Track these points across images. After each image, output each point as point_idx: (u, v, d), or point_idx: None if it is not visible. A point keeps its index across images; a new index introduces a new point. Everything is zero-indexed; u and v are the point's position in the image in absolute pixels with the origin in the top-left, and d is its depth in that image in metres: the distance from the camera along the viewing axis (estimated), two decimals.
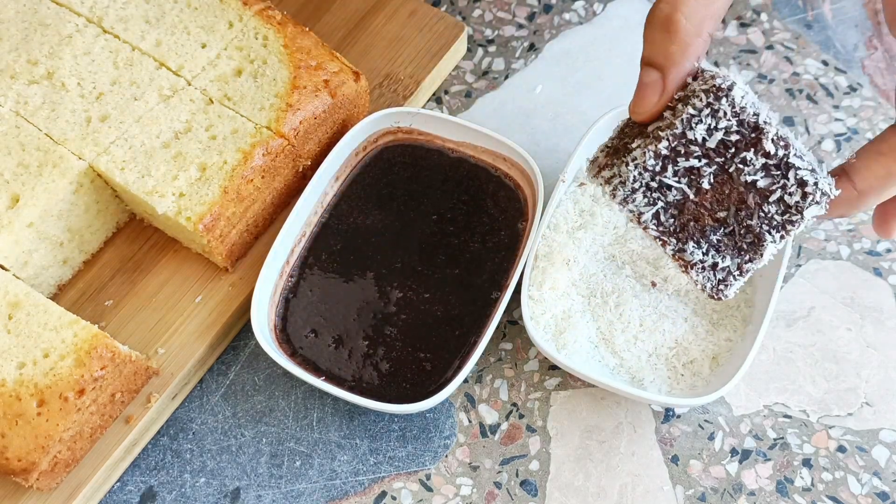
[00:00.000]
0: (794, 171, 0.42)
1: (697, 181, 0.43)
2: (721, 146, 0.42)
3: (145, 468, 0.55)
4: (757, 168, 0.42)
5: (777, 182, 0.42)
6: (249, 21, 0.59)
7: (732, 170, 0.42)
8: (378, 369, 0.55)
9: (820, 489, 0.54)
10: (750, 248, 0.44)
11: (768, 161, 0.42)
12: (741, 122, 0.41)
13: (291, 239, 0.58)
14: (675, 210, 0.44)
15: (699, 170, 0.42)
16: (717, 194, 0.43)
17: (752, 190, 0.42)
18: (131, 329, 0.56)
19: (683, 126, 0.41)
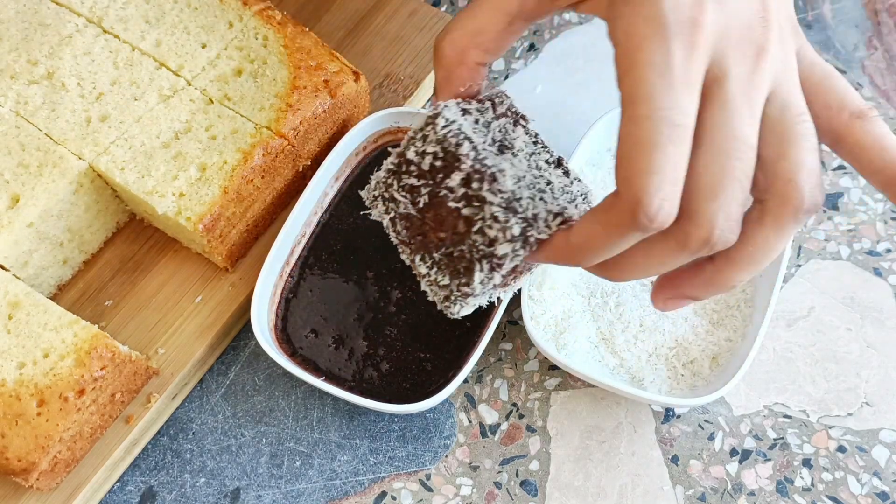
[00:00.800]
0: (489, 206, 0.41)
1: (417, 199, 0.44)
2: (432, 170, 0.43)
3: (145, 468, 0.55)
4: (459, 196, 0.42)
5: (478, 213, 0.42)
6: (249, 21, 0.59)
7: (442, 194, 0.43)
8: (378, 369, 0.55)
9: (820, 489, 0.54)
10: (464, 272, 0.44)
11: (468, 190, 0.42)
12: (444, 149, 0.42)
13: (291, 239, 0.58)
14: (406, 222, 0.45)
15: (418, 188, 0.44)
16: (436, 214, 0.44)
17: (459, 216, 0.43)
18: (131, 329, 0.56)
19: (404, 146, 0.44)
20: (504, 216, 0.41)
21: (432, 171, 0.43)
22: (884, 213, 0.62)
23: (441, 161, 0.43)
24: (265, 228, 0.60)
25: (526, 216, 0.41)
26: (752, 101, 0.37)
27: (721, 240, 0.37)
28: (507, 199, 0.41)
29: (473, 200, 0.42)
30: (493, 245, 0.42)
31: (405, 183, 0.44)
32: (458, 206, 0.43)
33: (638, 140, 0.36)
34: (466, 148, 0.42)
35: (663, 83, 0.35)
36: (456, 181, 0.42)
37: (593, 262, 0.40)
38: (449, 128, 0.42)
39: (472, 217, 0.42)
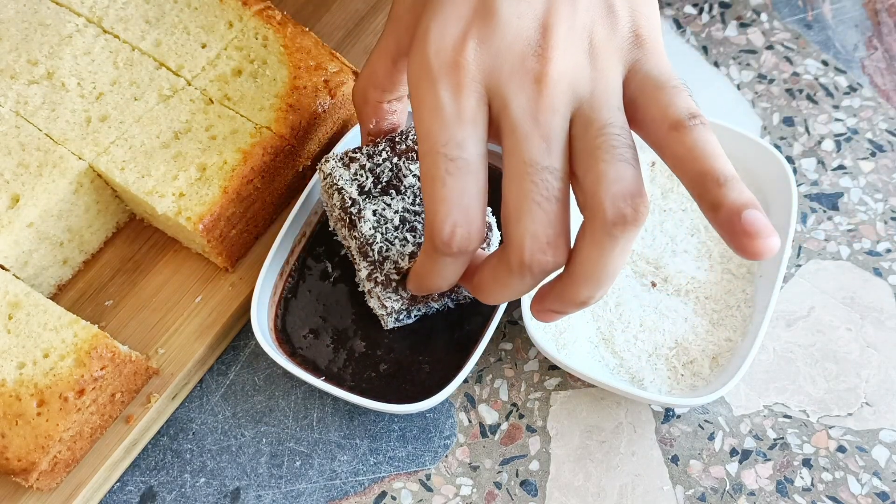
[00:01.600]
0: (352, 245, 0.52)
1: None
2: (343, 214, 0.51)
3: (145, 468, 0.55)
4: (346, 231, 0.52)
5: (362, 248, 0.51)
6: (249, 21, 0.59)
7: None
8: (378, 369, 0.55)
9: (820, 489, 0.54)
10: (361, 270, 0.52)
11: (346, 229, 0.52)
12: (343, 209, 0.51)
13: (291, 239, 0.58)
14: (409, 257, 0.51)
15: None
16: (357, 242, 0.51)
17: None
18: (131, 329, 0.56)
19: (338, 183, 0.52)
20: (358, 258, 0.51)
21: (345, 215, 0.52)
22: (884, 213, 0.62)
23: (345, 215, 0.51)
24: (265, 228, 0.60)
25: (373, 259, 0.49)
26: (541, 124, 0.39)
27: (535, 260, 0.39)
28: (360, 244, 0.50)
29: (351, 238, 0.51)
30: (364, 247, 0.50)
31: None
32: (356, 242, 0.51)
33: (425, 174, 0.40)
34: (336, 198, 0.51)
35: (437, 121, 0.39)
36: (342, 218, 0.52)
37: (439, 289, 0.45)
38: (326, 181, 0.52)
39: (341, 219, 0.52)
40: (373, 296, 0.52)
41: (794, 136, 0.64)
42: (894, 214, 0.62)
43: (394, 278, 0.50)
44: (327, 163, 0.52)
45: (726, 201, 0.37)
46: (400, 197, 0.51)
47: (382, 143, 0.52)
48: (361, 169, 0.51)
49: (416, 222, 0.50)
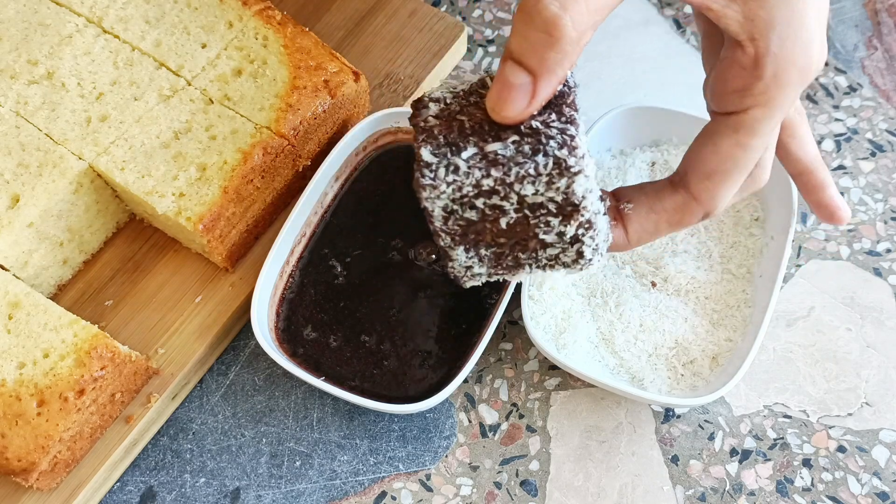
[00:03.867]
0: (580, 246, 0.44)
1: (498, 216, 0.42)
2: (538, 205, 0.41)
3: (145, 468, 0.55)
4: (553, 232, 0.43)
5: (562, 245, 0.44)
6: (249, 21, 0.59)
7: (533, 223, 0.42)
8: (378, 369, 0.55)
9: (820, 489, 0.54)
10: (508, 268, 0.46)
11: (564, 231, 0.42)
12: (566, 199, 0.41)
13: (291, 239, 0.58)
14: (464, 222, 0.43)
15: (506, 210, 0.42)
16: (509, 229, 0.43)
17: (538, 240, 0.43)
18: (131, 329, 0.56)
19: (515, 178, 0.40)
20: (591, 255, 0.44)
21: (536, 206, 0.41)
22: (884, 213, 0.62)
23: (555, 205, 0.41)
24: (265, 228, 0.60)
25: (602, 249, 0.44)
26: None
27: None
28: (598, 244, 0.44)
29: (565, 237, 0.43)
30: (558, 263, 0.45)
31: (493, 203, 0.41)
32: (545, 237, 0.43)
33: (739, 165, 0.42)
34: (588, 202, 0.41)
35: (779, 122, 0.41)
36: (568, 228, 0.42)
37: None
38: (585, 185, 0.40)
39: (552, 244, 0.43)
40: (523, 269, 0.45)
41: None
42: (894, 214, 0.61)
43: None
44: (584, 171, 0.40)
45: (832, 181, 0.48)
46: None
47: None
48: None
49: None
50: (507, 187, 0.40)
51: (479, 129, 0.40)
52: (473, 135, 0.40)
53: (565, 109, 0.40)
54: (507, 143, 0.40)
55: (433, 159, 0.41)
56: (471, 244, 0.45)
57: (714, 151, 0.42)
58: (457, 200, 0.42)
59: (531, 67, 0.38)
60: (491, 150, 0.40)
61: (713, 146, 0.42)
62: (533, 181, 0.40)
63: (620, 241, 0.46)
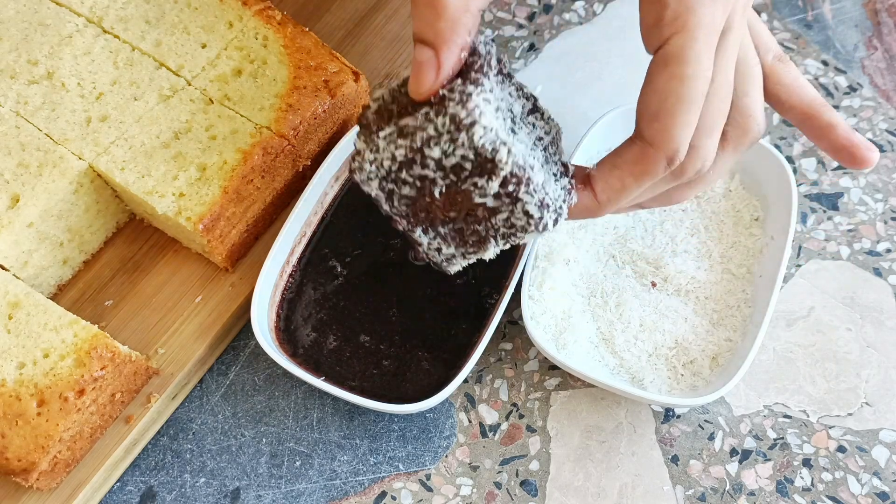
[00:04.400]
0: (522, 204, 0.42)
1: (431, 187, 0.43)
2: (457, 167, 0.42)
3: (145, 468, 0.55)
4: (487, 193, 0.42)
5: (506, 207, 0.43)
6: (249, 21, 0.59)
7: (464, 188, 0.43)
8: (378, 369, 0.55)
9: (820, 489, 0.54)
10: (475, 244, 0.46)
11: (501, 190, 0.42)
12: (478, 154, 0.41)
13: (291, 239, 0.58)
14: (407, 201, 0.45)
15: (434, 179, 0.43)
16: (448, 199, 0.44)
17: (482, 206, 0.43)
18: (131, 329, 0.56)
19: (422, 143, 0.41)
20: (538, 213, 0.43)
21: (455, 169, 0.42)
22: (884, 213, 0.62)
23: (471, 163, 0.41)
24: (265, 228, 0.60)
25: (556, 207, 0.43)
26: (741, 47, 0.43)
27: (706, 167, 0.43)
28: (540, 199, 0.43)
29: (504, 198, 0.42)
30: (517, 232, 0.44)
31: (416, 173, 0.43)
32: (483, 200, 0.43)
33: (681, 97, 0.40)
34: (503, 154, 0.41)
35: (709, 45, 0.40)
36: (489, 183, 0.42)
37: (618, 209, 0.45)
38: (486, 137, 0.40)
39: (497, 208, 0.43)
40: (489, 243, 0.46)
41: (794, 136, 0.64)
42: (894, 214, 0.61)
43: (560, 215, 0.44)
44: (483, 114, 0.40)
45: (841, 120, 0.46)
46: (522, 133, 0.44)
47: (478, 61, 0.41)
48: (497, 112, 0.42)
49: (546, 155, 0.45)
50: (419, 154, 0.42)
51: (403, 111, 0.43)
52: (396, 116, 0.43)
53: (472, 74, 0.41)
54: (417, 115, 0.41)
55: (362, 146, 0.44)
56: (426, 223, 0.46)
57: (653, 91, 0.41)
58: (387, 178, 0.44)
59: (429, 41, 0.40)
60: (403, 124, 0.42)
61: (651, 86, 0.41)
62: (437, 141, 0.41)
63: (589, 202, 0.44)
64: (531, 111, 0.46)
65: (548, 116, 0.47)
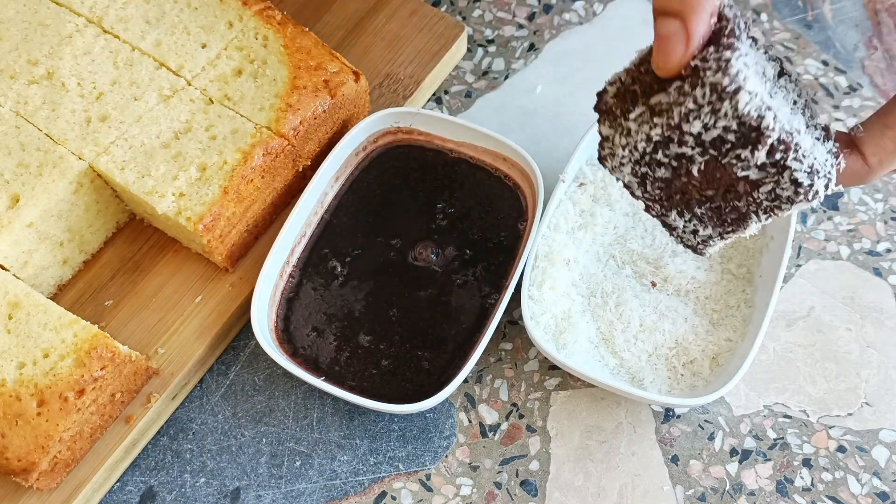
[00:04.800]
0: (790, 172, 0.40)
1: (688, 165, 0.41)
2: (718, 140, 0.40)
3: (145, 468, 0.55)
4: (751, 165, 0.40)
5: (771, 178, 0.41)
6: (249, 21, 0.59)
7: (725, 162, 0.40)
8: (378, 369, 0.55)
9: (820, 489, 0.54)
10: (734, 222, 0.44)
11: (768, 160, 0.40)
12: (742, 123, 0.39)
13: (291, 239, 0.58)
14: (662, 184, 0.43)
15: (691, 157, 0.41)
16: (707, 176, 0.42)
17: (745, 180, 0.41)
18: (131, 329, 0.56)
19: (680, 118, 0.39)
20: (808, 180, 0.40)
21: (716, 143, 0.40)
22: (884, 213, 0.62)
23: (734, 136, 0.39)
24: (265, 228, 0.60)
25: (826, 172, 0.40)
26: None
27: None
28: (810, 164, 0.40)
29: (770, 168, 0.40)
30: (783, 203, 0.41)
31: (672, 152, 0.41)
32: (746, 173, 0.41)
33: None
34: (769, 120, 0.38)
35: None
36: (754, 154, 0.40)
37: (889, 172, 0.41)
38: (751, 103, 0.38)
39: (760, 180, 0.41)
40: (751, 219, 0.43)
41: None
42: (894, 214, 0.61)
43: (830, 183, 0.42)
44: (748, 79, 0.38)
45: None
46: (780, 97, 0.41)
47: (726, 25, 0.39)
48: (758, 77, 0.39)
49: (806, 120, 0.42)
50: (677, 131, 0.39)
51: (649, 89, 0.40)
52: (642, 96, 0.41)
53: (723, 40, 0.38)
54: (669, 91, 0.39)
55: (609, 132, 0.42)
56: (682, 206, 0.44)
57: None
58: (640, 162, 0.42)
59: (676, 11, 0.37)
60: (655, 102, 0.40)
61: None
62: (697, 115, 0.39)
63: (859, 168, 0.41)
64: (780, 74, 0.43)
65: (795, 78, 0.43)
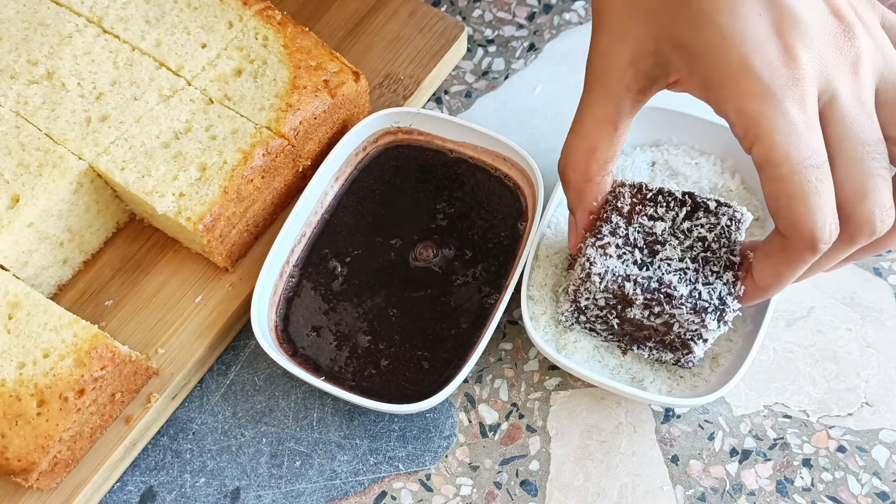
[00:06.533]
0: (679, 317, 0.47)
1: (609, 322, 0.50)
2: (608, 305, 0.48)
3: (145, 468, 0.55)
4: (646, 316, 0.47)
5: (672, 320, 0.47)
6: (249, 21, 0.59)
7: (629, 316, 0.48)
8: (378, 369, 0.55)
9: (820, 489, 0.54)
10: (682, 347, 0.49)
11: (651, 311, 0.47)
12: (611, 293, 0.47)
13: (291, 239, 0.58)
14: (609, 332, 0.51)
15: (604, 317, 0.50)
16: (630, 325, 0.49)
17: (653, 325, 0.48)
18: (131, 329, 0.56)
19: (574, 295, 0.49)
20: (697, 318, 0.46)
21: (609, 306, 0.48)
22: None
23: (615, 299, 0.48)
24: (265, 228, 0.60)
25: (714, 305, 0.46)
26: (864, 103, 0.41)
27: (883, 227, 0.42)
28: (692, 305, 0.46)
29: (661, 314, 0.47)
30: (697, 332, 0.47)
31: (591, 315, 0.50)
32: (650, 322, 0.48)
33: (790, 193, 0.40)
34: (629, 287, 0.46)
35: (792, 140, 0.39)
36: (637, 312, 0.47)
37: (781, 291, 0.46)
38: (605, 279, 0.47)
39: (667, 322, 0.47)
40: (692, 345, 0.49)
41: None
42: None
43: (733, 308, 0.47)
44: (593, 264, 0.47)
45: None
46: (668, 247, 0.48)
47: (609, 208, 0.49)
48: (619, 254, 0.48)
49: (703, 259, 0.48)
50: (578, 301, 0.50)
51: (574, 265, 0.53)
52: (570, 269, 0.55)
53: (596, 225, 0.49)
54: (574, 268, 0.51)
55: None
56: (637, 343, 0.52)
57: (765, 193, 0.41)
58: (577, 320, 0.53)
59: (570, 208, 0.50)
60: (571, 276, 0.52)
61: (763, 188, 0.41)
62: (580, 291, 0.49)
63: (753, 290, 0.46)
64: (689, 214, 0.48)
65: (714, 207, 0.49)
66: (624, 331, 0.50)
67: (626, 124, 0.46)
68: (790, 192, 0.40)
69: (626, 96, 0.44)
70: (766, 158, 0.40)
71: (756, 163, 0.41)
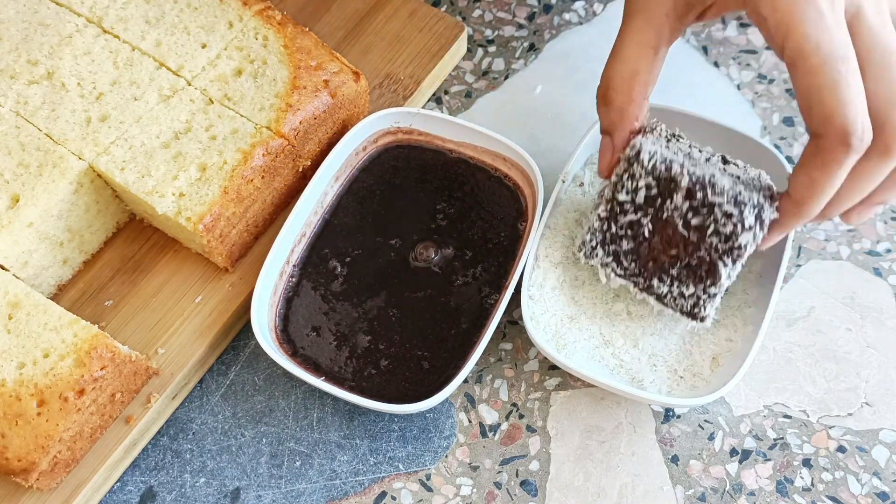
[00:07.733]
0: (718, 207, 0.46)
1: (640, 230, 0.49)
2: (648, 199, 0.48)
3: (145, 468, 0.55)
4: (684, 211, 0.47)
5: (707, 218, 0.47)
6: (249, 21, 0.59)
7: (665, 216, 0.48)
8: (378, 369, 0.55)
9: (820, 489, 0.54)
10: (708, 274, 0.49)
11: (692, 202, 0.47)
12: (656, 177, 0.47)
13: (291, 239, 0.58)
14: (633, 255, 0.50)
15: (638, 221, 0.49)
16: (662, 236, 0.49)
17: (689, 228, 0.47)
18: (131, 329, 0.56)
19: (613, 191, 0.49)
20: (736, 210, 0.46)
21: (648, 201, 0.48)
22: (884, 213, 0.62)
23: (656, 189, 0.47)
24: (265, 228, 0.60)
25: (753, 202, 0.46)
26: (885, 19, 0.43)
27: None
28: (732, 196, 0.46)
29: (700, 209, 0.47)
30: (731, 239, 0.47)
31: (623, 222, 0.49)
32: (685, 219, 0.47)
33: (821, 85, 0.41)
34: (677, 168, 0.47)
35: (823, 32, 0.41)
36: (679, 199, 0.47)
37: (820, 209, 0.45)
38: (654, 158, 0.47)
39: (702, 224, 0.47)
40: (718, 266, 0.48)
41: (794, 136, 0.64)
42: (894, 214, 0.61)
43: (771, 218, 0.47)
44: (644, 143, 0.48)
45: None
46: (709, 165, 0.49)
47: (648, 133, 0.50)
48: (667, 146, 0.49)
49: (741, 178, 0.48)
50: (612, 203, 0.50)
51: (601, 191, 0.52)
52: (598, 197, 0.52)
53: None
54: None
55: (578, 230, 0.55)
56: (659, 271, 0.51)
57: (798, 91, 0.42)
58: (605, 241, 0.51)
59: (607, 130, 0.50)
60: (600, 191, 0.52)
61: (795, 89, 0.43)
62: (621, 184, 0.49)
63: (788, 205, 0.46)
64: (723, 161, 0.50)
65: (743, 166, 0.50)
66: (651, 250, 0.49)
67: (664, 51, 0.48)
68: (821, 84, 0.41)
69: (665, 22, 0.47)
70: (798, 52, 0.41)
71: (788, 62, 0.42)
